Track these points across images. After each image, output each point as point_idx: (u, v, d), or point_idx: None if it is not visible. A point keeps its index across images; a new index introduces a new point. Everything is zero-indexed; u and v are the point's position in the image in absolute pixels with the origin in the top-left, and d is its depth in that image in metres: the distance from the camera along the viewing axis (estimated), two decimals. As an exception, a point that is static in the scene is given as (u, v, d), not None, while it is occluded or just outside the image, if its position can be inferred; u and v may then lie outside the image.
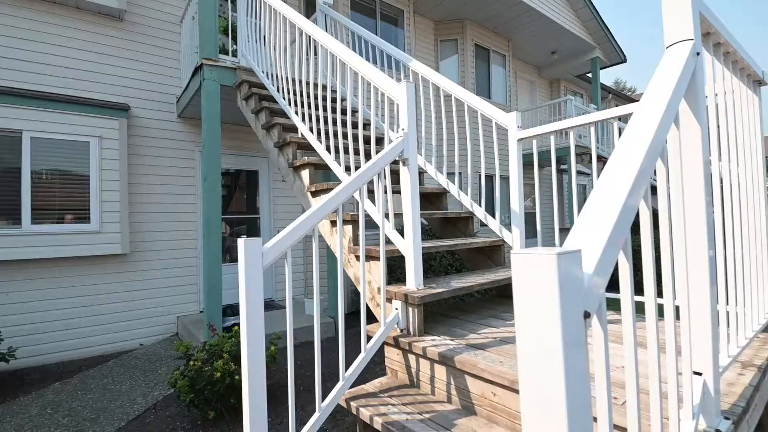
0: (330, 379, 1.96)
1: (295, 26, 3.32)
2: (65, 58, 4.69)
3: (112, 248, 4.72)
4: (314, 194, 2.96)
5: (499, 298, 2.90)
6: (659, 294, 0.96)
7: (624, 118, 2.21)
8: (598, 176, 0.84)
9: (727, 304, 1.47)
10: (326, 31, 4.96)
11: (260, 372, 1.54)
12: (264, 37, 4.08)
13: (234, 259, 5.99)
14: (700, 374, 1.14)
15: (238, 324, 4.37)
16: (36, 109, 4.35)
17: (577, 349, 0.55)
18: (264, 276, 1.60)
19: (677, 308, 1.07)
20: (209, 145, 3.93)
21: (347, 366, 1.85)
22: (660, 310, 1.03)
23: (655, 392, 0.89)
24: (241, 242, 1.58)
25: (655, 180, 0.99)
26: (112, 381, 3.85)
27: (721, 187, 1.56)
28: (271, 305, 5.91)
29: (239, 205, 6.48)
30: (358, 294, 6.00)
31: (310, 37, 3.17)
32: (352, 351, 1.91)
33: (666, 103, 0.93)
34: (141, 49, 5.18)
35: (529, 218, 3.40)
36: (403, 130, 2.19)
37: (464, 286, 2.22)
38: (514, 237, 2.81)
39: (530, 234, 2.90)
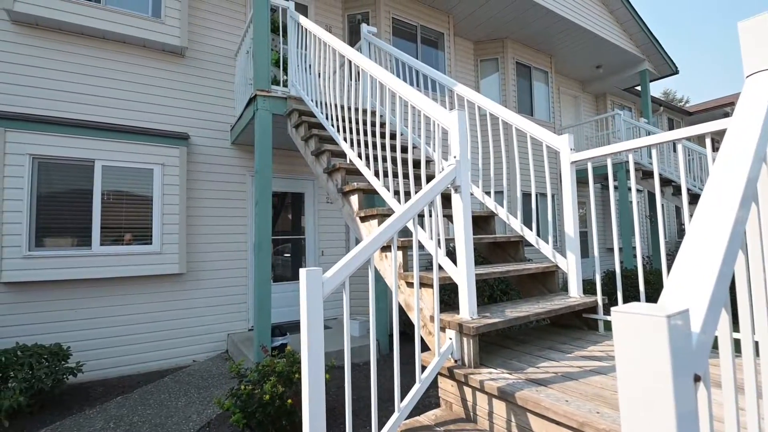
0: (378, 404, 1.95)
1: (344, 57, 3.45)
2: (132, 92, 5.12)
3: (171, 268, 5.00)
4: (363, 219, 3.01)
5: (554, 327, 2.78)
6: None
7: (690, 138, 2.10)
8: (662, 196, 0.80)
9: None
10: (370, 57, 5.12)
11: (320, 399, 1.56)
12: (310, 66, 4.27)
13: (279, 279, 6.16)
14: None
15: (286, 344, 4.48)
16: (107, 140, 4.75)
17: (689, 421, 0.52)
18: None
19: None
20: (261, 171, 4.11)
21: (402, 395, 1.82)
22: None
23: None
24: (302, 272, 1.61)
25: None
26: (168, 397, 4.02)
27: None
28: (315, 325, 5.98)
29: (284, 225, 6.69)
30: (400, 316, 5.99)
31: (359, 67, 3.28)
32: (402, 374, 1.89)
33: (755, 142, 0.88)
34: (199, 82, 5.57)
35: (579, 237, 3.27)
36: (455, 157, 2.19)
37: (520, 315, 2.16)
38: (569, 263, 2.71)
39: (582, 254, 2.79)
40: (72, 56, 4.82)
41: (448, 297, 4.11)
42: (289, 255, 6.52)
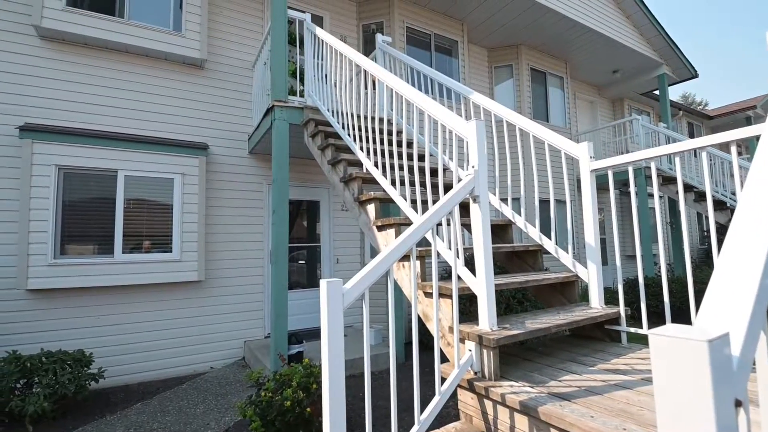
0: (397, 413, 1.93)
1: (361, 68, 3.48)
2: (154, 103, 5.26)
3: (190, 275, 5.08)
4: (380, 228, 3.01)
5: (574, 338, 2.73)
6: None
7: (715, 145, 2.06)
8: (685, 203, 0.78)
9: None
10: (385, 66, 5.17)
11: (341, 409, 1.55)
12: (326, 76, 4.33)
13: (294, 286, 6.19)
14: None
15: (302, 352, 4.49)
16: (129, 151, 4.89)
17: (734, 447, 0.51)
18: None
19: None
20: (279, 180, 4.16)
21: (421, 406, 1.81)
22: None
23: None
24: (323, 284, 1.62)
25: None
26: (187, 404, 4.07)
27: None
28: (331, 332, 5.99)
29: (300, 233, 6.74)
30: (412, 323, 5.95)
31: (375, 78, 3.30)
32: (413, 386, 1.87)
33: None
34: (218, 93, 5.70)
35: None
36: (473, 167, 2.19)
37: (541, 327, 2.13)
38: (590, 273, 2.66)
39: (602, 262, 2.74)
40: (96, 69, 4.98)
41: (464, 306, 4.08)
42: (303, 262, 6.56)
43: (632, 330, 2.55)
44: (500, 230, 3.40)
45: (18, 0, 4.68)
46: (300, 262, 6.55)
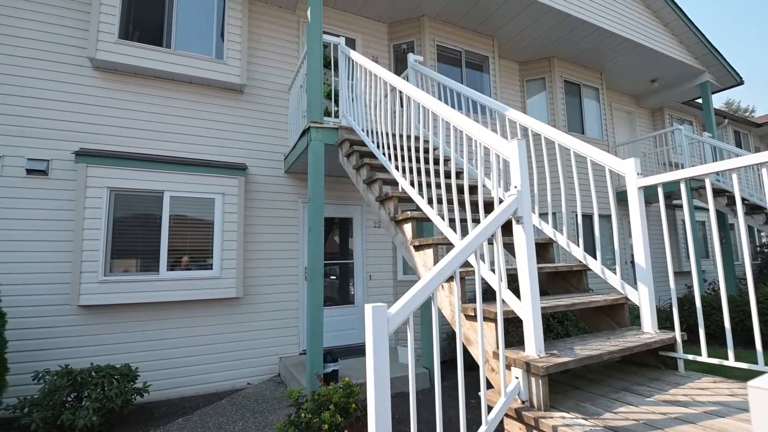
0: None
1: (396, 89, 3.53)
2: (197, 127, 5.51)
3: (229, 292, 5.22)
4: (417, 248, 2.99)
5: (626, 365, 2.58)
6: None
7: None
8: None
9: None
10: (417, 85, 5.22)
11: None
12: (358, 95, 4.41)
13: (327, 302, 6.22)
14: None
15: (337, 370, 4.48)
16: (174, 173, 5.12)
17: None
18: (357, 319, 1.62)
19: None
20: (314, 199, 4.23)
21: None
22: None
23: None
24: (368, 309, 1.62)
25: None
26: (226, 420, 4.12)
27: None
28: (362, 350, 5.96)
29: (332, 249, 6.79)
30: (449, 342, 5.83)
31: (411, 98, 3.34)
32: (451, 407, 1.81)
33: None
34: (256, 116, 5.92)
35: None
36: (516, 187, 2.15)
37: (592, 354, 2.03)
38: (641, 296, 2.53)
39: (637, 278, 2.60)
40: (144, 97, 5.29)
41: (506, 328, 3.96)
42: (335, 278, 6.58)
43: (690, 357, 2.39)
44: (541, 249, 3.30)
45: (75, 35, 5.06)
46: (332, 277, 6.59)
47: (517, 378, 1.97)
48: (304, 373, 4.52)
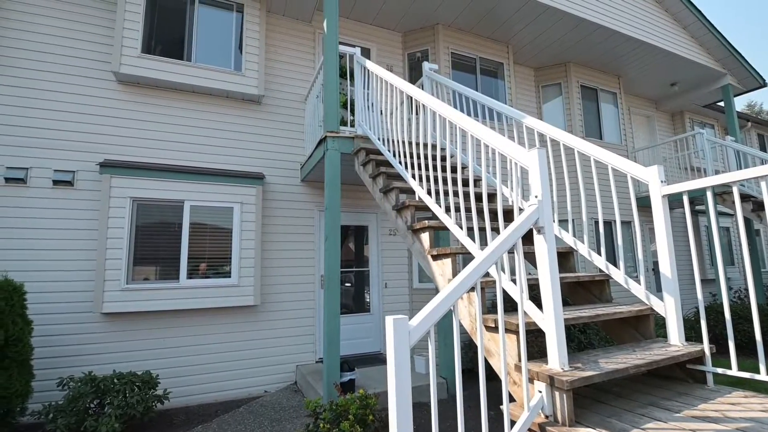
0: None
1: (412, 98, 3.54)
2: (216, 138, 5.63)
3: (247, 300, 5.27)
4: (435, 258, 2.98)
5: (652, 378, 2.51)
6: None
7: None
8: None
9: None
10: (432, 93, 5.23)
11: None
12: (372, 104, 4.43)
13: (342, 310, 6.21)
14: None
15: (353, 380, 4.46)
16: (194, 182, 5.22)
17: None
18: (373, 327, 1.61)
19: None
20: (331, 208, 4.26)
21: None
22: None
23: None
24: (389, 321, 1.61)
25: None
26: (244, 429, 4.14)
27: None
28: (379, 359, 5.94)
29: (348, 257, 6.81)
30: (466, 352, 5.77)
31: (428, 107, 3.34)
32: (469, 419, 1.77)
33: None
34: (273, 125, 6.01)
35: (658, 267, 3.00)
36: (536, 197, 2.12)
37: (618, 368, 1.98)
38: (667, 307, 2.47)
39: (659, 286, 2.53)
40: (165, 109, 5.43)
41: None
42: (350, 285, 6.58)
43: (719, 371, 2.31)
44: (561, 258, 3.25)
45: (100, 50, 5.23)
46: (347, 284, 6.60)
47: (540, 392, 1.93)
48: (321, 381, 4.51)
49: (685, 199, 2.51)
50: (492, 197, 3.68)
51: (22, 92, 4.82)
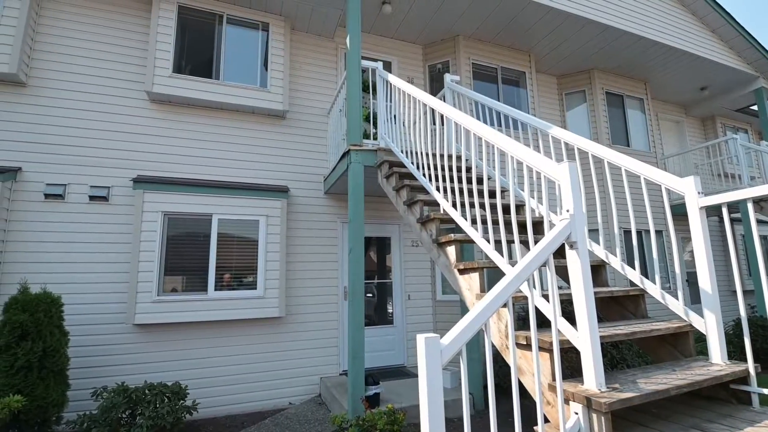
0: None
1: (435, 111, 3.55)
2: (242, 153, 5.77)
3: (272, 312, 5.33)
4: (462, 272, 2.95)
5: (692, 398, 2.40)
6: None
7: None
8: None
9: None
10: (454, 104, 5.22)
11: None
12: (395, 117, 4.46)
13: (365, 322, 6.20)
14: None
15: (378, 393, 4.43)
16: (222, 196, 5.37)
17: None
18: (396, 339, 1.58)
19: None
20: (355, 220, 4.28)
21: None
22: None
23: None
24: (420, 339, 1.59)
25: None
26: (270, 442, 4.16)
27: None
28: (403, 372, 5.88)
29: (370, 267, 6.79)
30: (492, 366, 5.62)
31: (451, 119, 3.34)
32: None
33: None
34: (297, 139, 6.13)
35: (691, 277, 2.87)
36: (567, 211, 2.08)
37: (658, 389, 1.90)
38: (708, 324, 2.36)
39: (696, 298, 2.42)
40: (195, 126, 5.61)
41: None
42: (372, 295, 6.56)
43: (766, 391, 2.19)
44: (593, 272, 3.15)
45: (133, 71, 5.47)
46: (368, 295, 6.58)
47: (576, 414, 1.87)
48: (345, 394, 4.50)
49: (725, 211, 2.41)
50: (518, 209, 3.64)
51: (61, 112, 5.08)
